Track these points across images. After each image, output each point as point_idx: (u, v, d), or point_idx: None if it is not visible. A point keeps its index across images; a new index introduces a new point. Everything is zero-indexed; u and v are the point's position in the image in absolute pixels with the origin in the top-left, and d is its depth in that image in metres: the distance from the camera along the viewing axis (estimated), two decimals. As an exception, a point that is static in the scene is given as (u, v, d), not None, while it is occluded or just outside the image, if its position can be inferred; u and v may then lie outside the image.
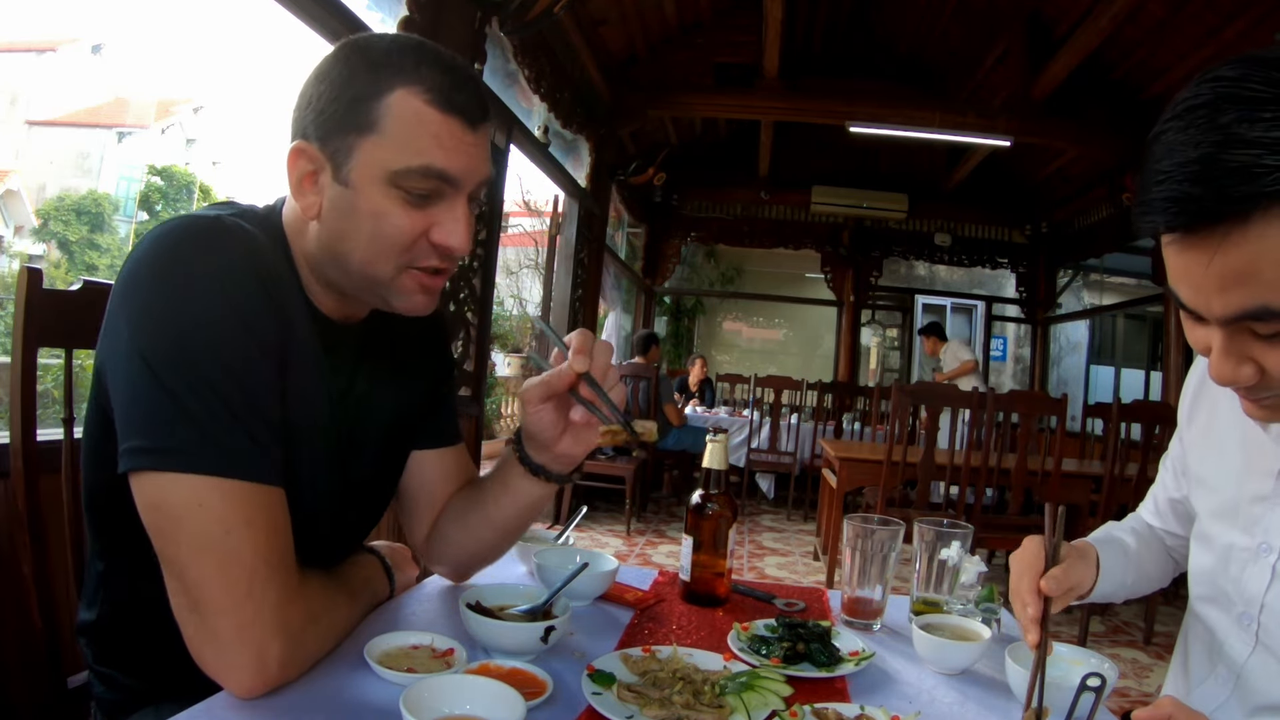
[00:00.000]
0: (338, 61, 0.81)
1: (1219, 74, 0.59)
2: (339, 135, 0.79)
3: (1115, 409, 3.61)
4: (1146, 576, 1.07)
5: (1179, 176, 0.59)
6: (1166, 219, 0.61)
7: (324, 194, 0.82)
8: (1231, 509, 0.92)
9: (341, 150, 0.80)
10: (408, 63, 0.80)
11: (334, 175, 0.80)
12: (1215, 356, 0.66)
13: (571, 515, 1.12)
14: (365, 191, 0.80)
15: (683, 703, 0.73)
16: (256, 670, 0.69)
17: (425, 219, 0.82)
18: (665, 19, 5.32)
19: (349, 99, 0.79)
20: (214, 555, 0.69)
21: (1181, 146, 0.59)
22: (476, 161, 0.83)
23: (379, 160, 0.79)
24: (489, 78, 3.42)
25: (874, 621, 1.05)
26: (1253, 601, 0.87)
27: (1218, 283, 0.61)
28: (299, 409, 0.80)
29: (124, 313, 0.73)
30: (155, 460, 0.69)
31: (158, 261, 0.74)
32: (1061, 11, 4.79)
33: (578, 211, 5.36)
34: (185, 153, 20.14)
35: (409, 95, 0.79)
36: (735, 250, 9.73)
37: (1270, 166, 0.55)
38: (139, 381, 0.70)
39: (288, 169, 0.82)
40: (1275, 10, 3.84)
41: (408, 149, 0.79)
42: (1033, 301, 8.17)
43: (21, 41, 20.14)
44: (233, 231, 0.77)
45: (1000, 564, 4.63)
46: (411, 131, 0.79)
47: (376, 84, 0.79)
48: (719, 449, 1.12)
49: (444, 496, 1.05)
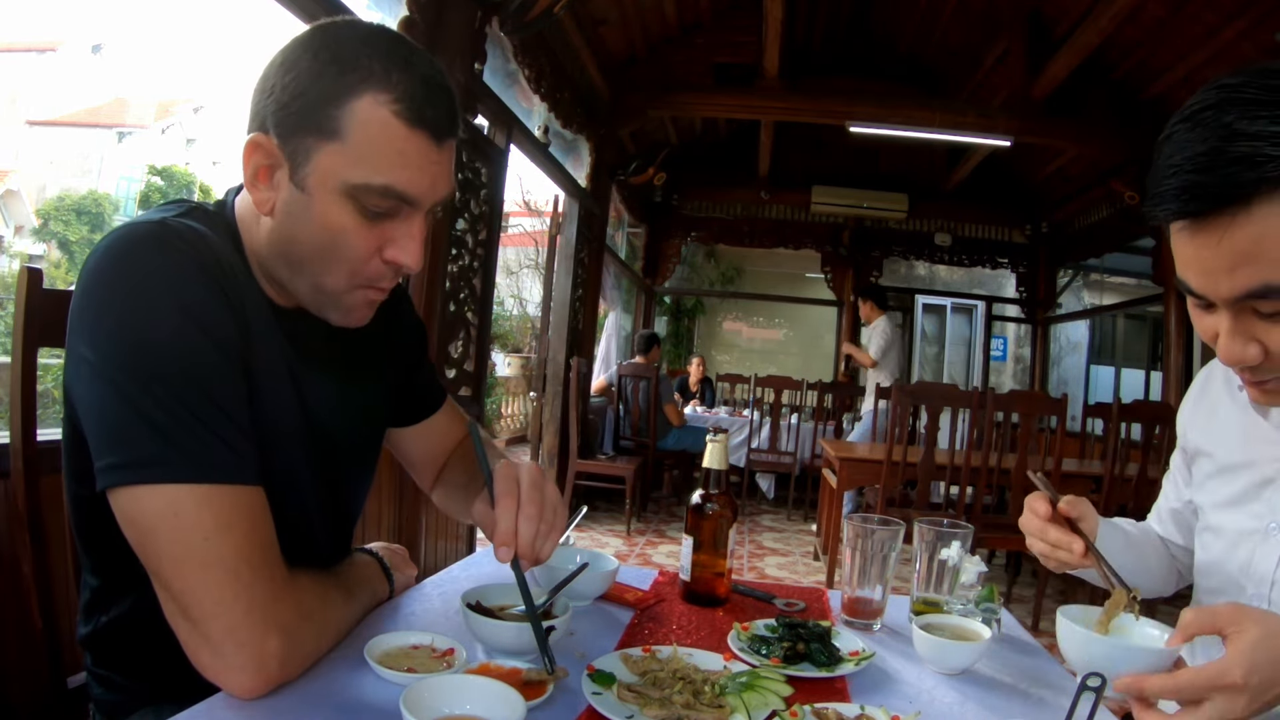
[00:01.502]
0: (306, 51, 0.76)
1: (1222, 82, 0.67)
2: (299, 135, 0.76)
3: (1115, 409, 3.61)
4: (1146, 565, 1.08)
5: (1189, 168, 0.66)
6: (1179, 205, 0.68)
7: (278, 192, 0.79)
8: (1238, 497, 0.94)
9: (300, 151, 0.76)
10: (378, 66, 0.75)
11: (290, 175, 0.77)
12: (1223, 338, 0.73)
13: (571, 515, 1.12)
14: (320, 200, 0.77)
15: (683, 703, 0.73)
16: (255, 670, 0.69)
17: (379, 235, 0.79)
18: (665, 19, 5.32)
19: (314, 97, 0.75)
20: (195, 562, 0.69)
21: (1190, 143, 0.67)
22: (440, 180, 0.81)
23: (338, 170, 0.76)
24: (489, 78, 3.41)
25: (874, 621, 1.05)
26: (1264, 581, 0.90)
27: (1226, 263, 0.67)
28: (269, 404, 0.80)
29: (79, 329, 0.72)
30: (127, 475, 0.69)
31: (106, 273, 0.72)
32: (1061, 11, 4.79)
33: (578, 211, 5.36)
34: (185, 153, 20.16)
35: (377, 104, 0.75)
36: (735, 250, 9.73)
37: (1270, 156, 0.63)
38: (102, 397, 0.70)
39: (243, 160, 0.79)
40: (1275, 10, 3.84)
41: (369, 163, 0.76)
42: (1033, 301, 8.17)
43: (21, 41, 20.15)
44: (179, 233, 0.75)
45: (1000, 564, 4.63)
46: (375, 144, 0.76)
47: (344, 86, 0.75)
48: (719, 449, 1.12)
49: (444, 453, 1.11)
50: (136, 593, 0.76)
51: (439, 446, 1.13)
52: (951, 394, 3.82)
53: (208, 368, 0.72)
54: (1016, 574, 4.41)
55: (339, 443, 0.92)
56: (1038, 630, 3.61)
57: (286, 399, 0.83)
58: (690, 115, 6.80)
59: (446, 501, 1.12)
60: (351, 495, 1.00)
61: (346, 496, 0.99)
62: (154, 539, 0.69)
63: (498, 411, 9.99)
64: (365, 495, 1.04)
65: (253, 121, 0.79)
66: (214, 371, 0.73)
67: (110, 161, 19.14)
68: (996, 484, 3.72)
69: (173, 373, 0.70)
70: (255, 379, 0.78)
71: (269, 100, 0.77)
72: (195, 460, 0.69)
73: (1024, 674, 0.93)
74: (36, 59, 20.02)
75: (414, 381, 1.09)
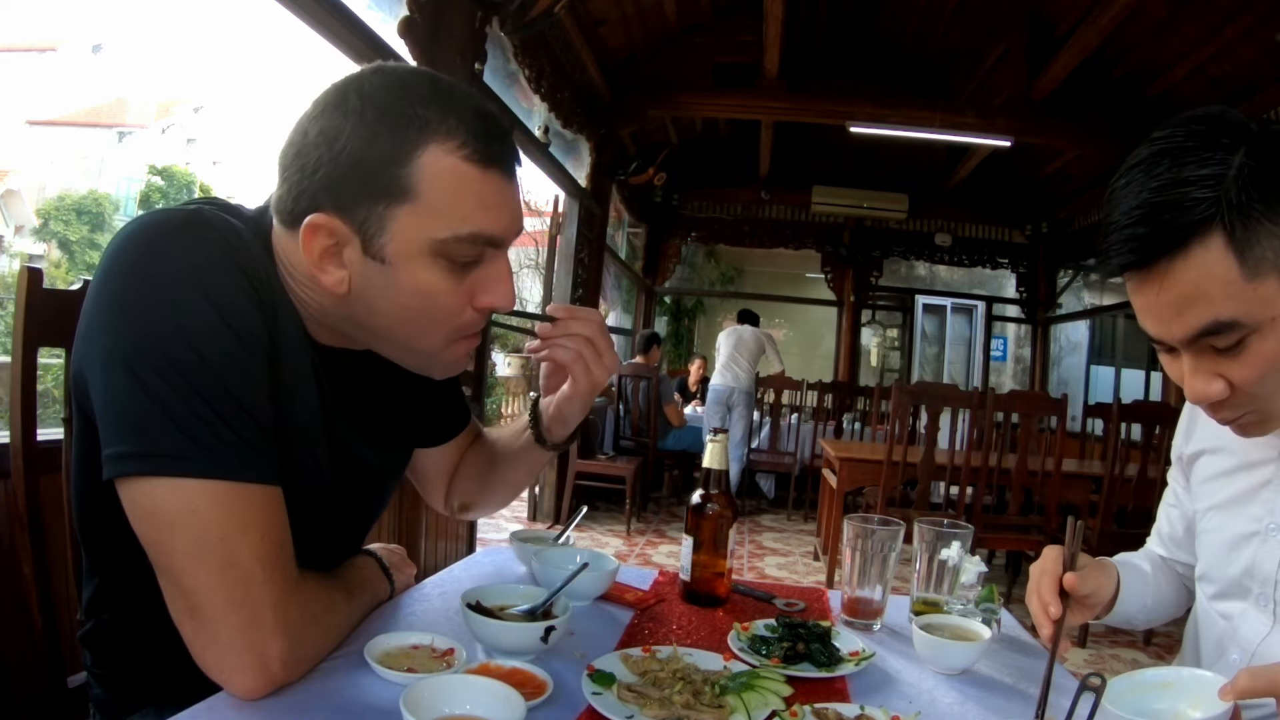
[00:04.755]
0: (344, 115, 0.72)
1: (1154, 135, 0.72)
2: (365, 204, 0.72)
3: (1115, 409, 3.61)
4: (1163, 600, 1.07)
5: (1125, 222, 0.71)
6: (1120, 259, 0.72)
7: (352, 269, 0.75)
8: (1236, 499, 0.94)
9: (371, 221, 0.72)
10: (431, 113, 0.72)
11: (364, 249, 0.73)
12: (1187, 378, 0.75)
13: (571, 515, 1.12)
14: (406, 267, 0.73)
15: (683, 703, 0.73)
16: (259, 671, 0.69)
17: (469, 285, 0.77)
18: (665, 19, 5.32)
19: (375, 162, 0.71)
20: (210, 560, 0.68)
21: (1126, 197, 0.71)
22: (518, 214, 0.78)
23: (420, 230, 0.72)
24: (489, 78, 3.42)
25: (874, 621, 1.05)
26: (1268, 581, 0.89)
27: (1173, 307, 0.71)
28: (293, 405, 0.78)
29: (100, 313, 0.70)
30: (142, 465, 0.67)
31: (134, 258, 0.70)
32: (1062, 11, 4.79)
33: (578, 211, 5.36)
34: (185, 152, 20.14)
35: (444, 153, 0.72)
36: (735, 250, 9.73)
37: (1197, 199, 0.67)
38: (120, 384, 0.68)
39: (303, 245, 0.74)
40: (1276, 10, 3.84)
41: (450, 215, 0.73)
42: (1033, 301, 8.17)
43: (21, 41, 20.15)
44: (212, 223, 0.73)
45: (1000, 564, 4.63)
46: (452, 194, 0.72)
47: (404, 143, 0.71)
48: (719, 449, 1.11)
49: (455, 464, 1.12)
50: (139, 591, 0.76)
51: (455, 459, 1.12)
52: (951, 394, 3.82)
53: (233, 362, 0.70)
54: (1016, 574, 4.41)
55: (364, 445, 0.91)
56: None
57: (312, 400, 0.81)
58: (690, 115, 6.80)
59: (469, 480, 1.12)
60: (372, 502, 1.00)
61: (366, 502, 0.98)
62: (168, 535, 0.68)
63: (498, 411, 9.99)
64: (385, 502, 1.04)
65: (298, 202, 0.74)
66: (239, 366, 0.71)
67: (110, 161, 19.13)
68: (996, 484, 3.72)
69: (196, 365, 0.68)
70: (281, 380, 0.77)
71: (317, 177, 0.72)
72: (216, 457, 0.68)
73: (1024, 674, 0.93)
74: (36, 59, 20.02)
75: (445, 398, 1.07)
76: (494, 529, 4.64)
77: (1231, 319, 0.69)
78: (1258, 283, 0.68)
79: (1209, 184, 0.67)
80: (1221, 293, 0.68)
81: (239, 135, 21.90)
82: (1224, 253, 0.67)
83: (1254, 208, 0.66)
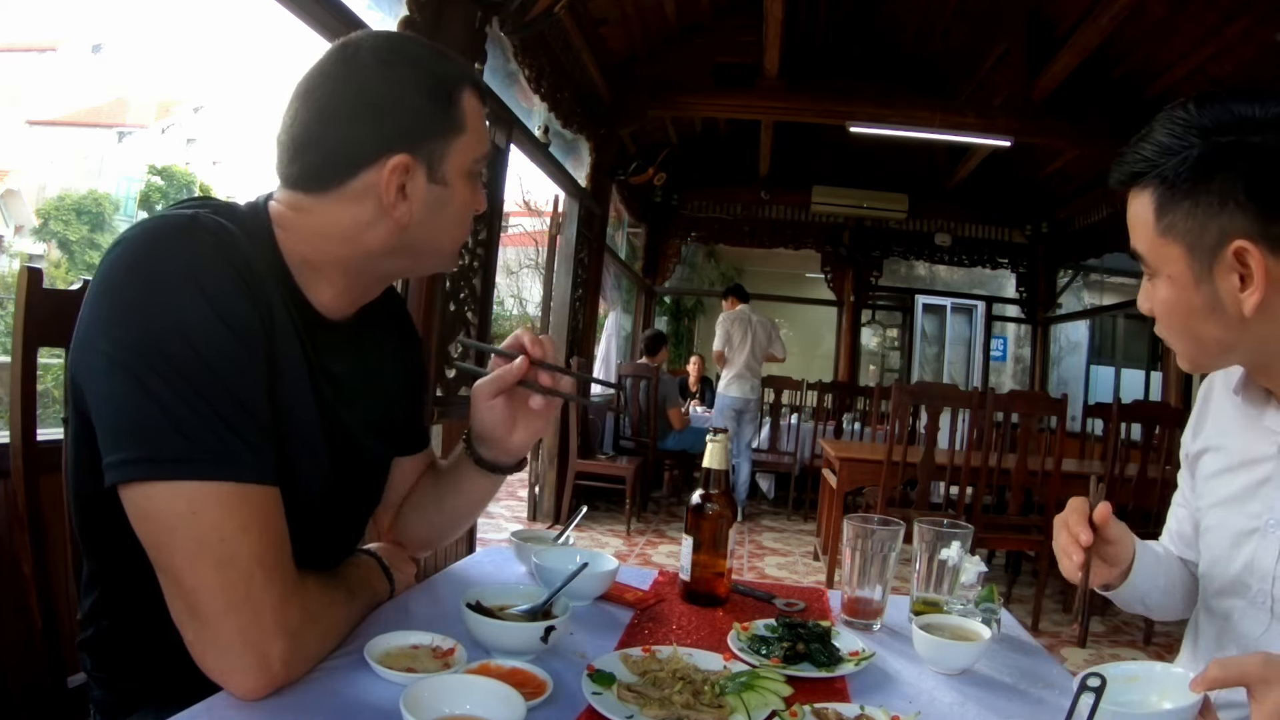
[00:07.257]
0: (393, 70, 0.84)
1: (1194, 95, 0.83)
2: (430, 140, 0.85)
3: (1115, 409, 3.61)
4: (1174, 585, 1.07)
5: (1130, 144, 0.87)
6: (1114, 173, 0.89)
7: (415, 198, 0.85)
8: (1236, 496, 0.95)
9: (435, 153, 0.85)
10: (458, 64, 0.89)
11: (429, 177, 0.86)
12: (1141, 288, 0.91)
13: (571, 515, 1.12)
14: (458, 186, 0.88)
15: (683, 703, 0.73)
16: (260, 671, 0.69)
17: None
18: (665, 19, 5.32)
19: (439, 102, 0.85)
20: (210, 561, 0.68)
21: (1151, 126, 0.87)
22: None
23: (466, 155, 0.88)
24: (489, 77, 3.42)
25: (874, 621, 1.05)
26: (1266, 577, 0.90)
27: (1129, 224, 0.88)
28: (290, 405, 0.79)
29: (99, 317, 0.71)
30: (143, 470, 0.68)
31: (132, 263, 0.72)
32: (1062, 11, 4.79)
33: (578, 211, 5.36)
34: (185, 152, 20.14)
35: (472, 93, 0.89)
36: (735, 250, 9.73)
37: (1141, 157, 0.84)
38: (119, 387, 0.68)
39: (384, 188, 0.83)
40: (1275, 10, 3.84)
41: (480, 140, 0.90)
42: (1033, 301, 8.17)
43: (21, 41, 20.15)
44: (208, 227, 0.75)
45: (1000, 564, 4.63)
46: (478, 124, 0.90)
47: (453, 86, 0.87)
48: (719, 449, 1.11)
49: (408, 489, 1.09)
50: (139, 595, 0.76)
51: (410, 482, 1.09)
52: (951, 394, 3.82)
53: (231, 359, 0.71)
54: (1016, 574, 4.41)
55: (357, 447, 0.92)
56: (1037, 630, 3.61)
57: (308, 400, 0.83)
58: (690, 115, 6.80)
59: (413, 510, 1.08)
60: (364, 502, 1.00)
61: (359, 502, 0.99)
62: (170, 536, 0.68)
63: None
64: (375, 503, 1.04)
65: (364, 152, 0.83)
66: (237, 363, 0.72)
67: (110, 161, 19.11)
68: (996, 484, 3.72)
69: (195, 364, 0.69)
70: (278, 376, 0.78)
71: (385, 125, 0.83)
72: (216, 458, 0.69)
73: (1024, 674, 0.93)
74: (36, 59, 20.02)
75: (413, 416, 1.08)
76: (494, 529, 4.64)
77: (1143, 255, 0.87)
78: (1164, 241, 0.83)
79: (1166, 151, 0.82)
80: (1143, 231, 0.85)
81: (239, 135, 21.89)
82: (1149, 204, 0.84)
83: (1180, 186, 0.80)
